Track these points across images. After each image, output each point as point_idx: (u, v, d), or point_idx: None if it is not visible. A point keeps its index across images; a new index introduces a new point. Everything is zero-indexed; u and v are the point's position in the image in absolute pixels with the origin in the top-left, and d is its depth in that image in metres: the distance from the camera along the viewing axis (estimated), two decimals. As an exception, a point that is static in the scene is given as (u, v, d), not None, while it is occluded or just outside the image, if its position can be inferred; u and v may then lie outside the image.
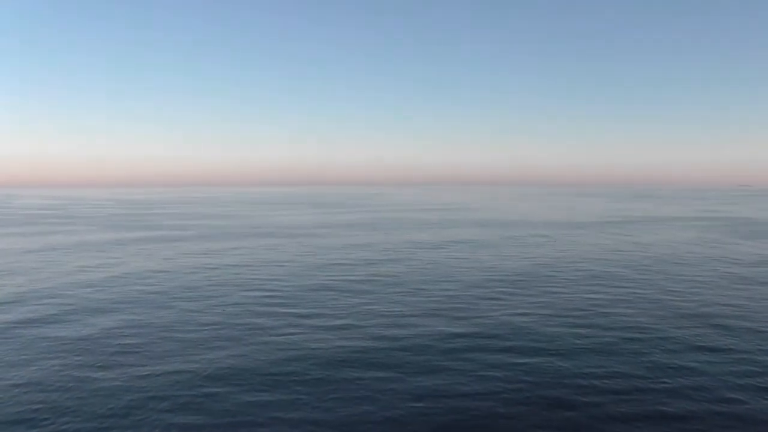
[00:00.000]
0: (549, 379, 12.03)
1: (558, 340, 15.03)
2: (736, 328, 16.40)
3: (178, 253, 34.41)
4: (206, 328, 16.33)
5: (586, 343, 14.79)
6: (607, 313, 18.30)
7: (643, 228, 55.23)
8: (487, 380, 11.98)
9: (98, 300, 20.57)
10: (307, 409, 10.42)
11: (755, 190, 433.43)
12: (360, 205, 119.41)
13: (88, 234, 48.46)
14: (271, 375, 12.32)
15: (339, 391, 11.33)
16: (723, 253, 34.72)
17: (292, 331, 16.02)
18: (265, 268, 28.27)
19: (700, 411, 10.35)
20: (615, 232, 50.43)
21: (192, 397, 11.13)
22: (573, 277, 25.25)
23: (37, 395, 11.30)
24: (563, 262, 30.48)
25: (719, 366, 12.90)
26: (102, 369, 12.79)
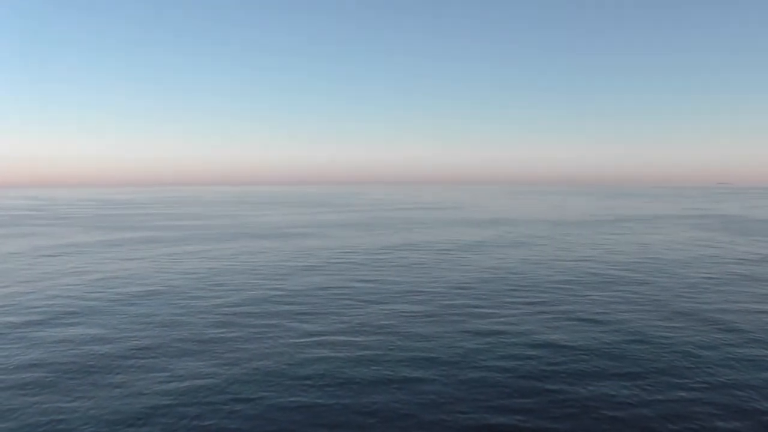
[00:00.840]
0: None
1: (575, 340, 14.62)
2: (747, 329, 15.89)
3: (157, 255, 33.11)
4: (183, 333, 15.42)
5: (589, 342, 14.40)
6: (622, 318, 17.41)
7: (639, 226, 54.85)
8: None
9: (66, 305, 19.17)
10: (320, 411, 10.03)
11: (735, 188, 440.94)
12: (348, 204, 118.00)
13: (61, 236, 46.55)
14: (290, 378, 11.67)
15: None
16: (723, 251, 34.61)
17: (279, 333, 15.31)
18: (249, 270, 27.06)
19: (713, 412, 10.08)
20: (612, 230, 49.99)
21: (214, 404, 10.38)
22: (588, 280, 24.34)
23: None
24: (570, 261, 29.81)
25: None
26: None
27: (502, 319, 16.95)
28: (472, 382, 11.47)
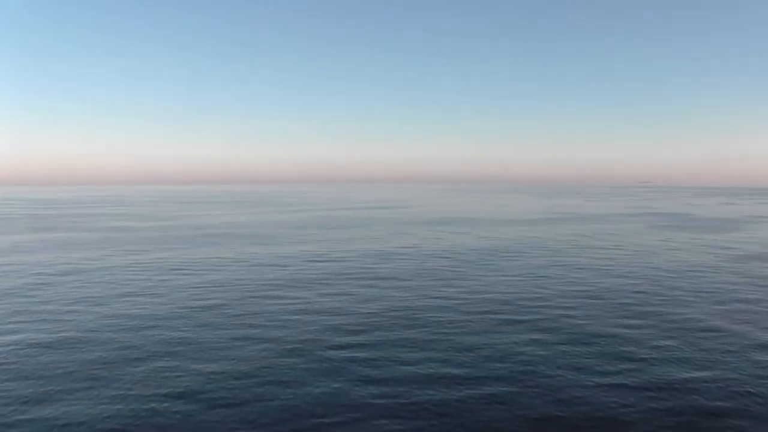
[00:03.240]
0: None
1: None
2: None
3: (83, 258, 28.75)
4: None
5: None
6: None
7: (593, 224, 52.70)
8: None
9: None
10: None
11: (658, 187, 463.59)
12: (293, 204, 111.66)
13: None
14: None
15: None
16: (695, 247, 33.43)
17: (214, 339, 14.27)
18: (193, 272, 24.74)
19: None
20: (569, 229, 47.57)
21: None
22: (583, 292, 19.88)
23: None
24: (554, 262, 27.52)
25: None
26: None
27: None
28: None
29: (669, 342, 13.97)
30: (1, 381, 11.41)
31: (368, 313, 17.18)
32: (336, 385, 11.04)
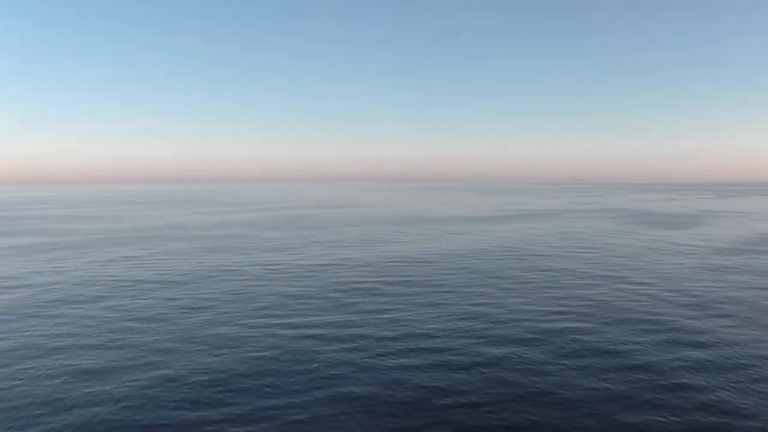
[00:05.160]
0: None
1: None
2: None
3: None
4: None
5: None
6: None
7: (553, 221, 50.28)
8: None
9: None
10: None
11: (591, 183, 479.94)
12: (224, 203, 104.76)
13: None
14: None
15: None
16: (669, 243, 32.22)
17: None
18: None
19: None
20: (531, 226, 44.95)
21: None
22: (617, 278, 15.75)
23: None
24: (522, 262, 25.47)
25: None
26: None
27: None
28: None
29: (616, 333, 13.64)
30: None
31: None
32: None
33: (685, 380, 10.43)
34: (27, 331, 14.29)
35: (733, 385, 10.24)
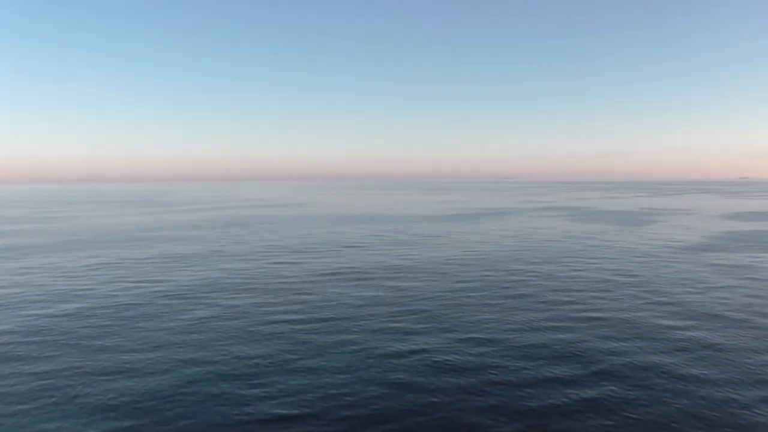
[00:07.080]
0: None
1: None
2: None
3: None
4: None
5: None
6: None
7: (506, 219, 50.51)
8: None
9: None
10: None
11: (524, 182, 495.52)
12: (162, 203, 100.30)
13: None
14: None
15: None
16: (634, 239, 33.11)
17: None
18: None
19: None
20: (492, 223, 45.08)
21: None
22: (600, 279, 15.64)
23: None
24: (519, 255, 25.87)
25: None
26: None
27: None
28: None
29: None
30: None
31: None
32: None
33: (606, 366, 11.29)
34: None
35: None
